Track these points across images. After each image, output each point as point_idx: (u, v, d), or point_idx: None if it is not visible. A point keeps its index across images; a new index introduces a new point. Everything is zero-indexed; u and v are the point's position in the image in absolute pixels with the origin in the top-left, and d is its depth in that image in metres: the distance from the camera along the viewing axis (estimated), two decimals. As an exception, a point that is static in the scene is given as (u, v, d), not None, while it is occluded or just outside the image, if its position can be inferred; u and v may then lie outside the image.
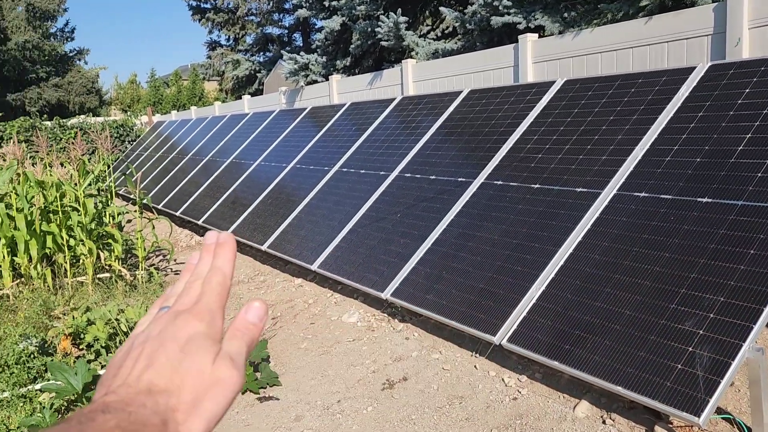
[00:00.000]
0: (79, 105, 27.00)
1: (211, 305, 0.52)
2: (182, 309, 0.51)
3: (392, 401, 2.94)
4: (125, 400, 0.43)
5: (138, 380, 0.46)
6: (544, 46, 5.34)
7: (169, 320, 0.50)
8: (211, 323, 0.50)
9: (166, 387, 0.46)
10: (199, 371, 0.47)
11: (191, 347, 0.48)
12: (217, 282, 0.54)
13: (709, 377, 2.11)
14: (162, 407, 0.44)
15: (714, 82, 3.21)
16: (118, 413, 0.41)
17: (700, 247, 2.54)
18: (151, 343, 0.49)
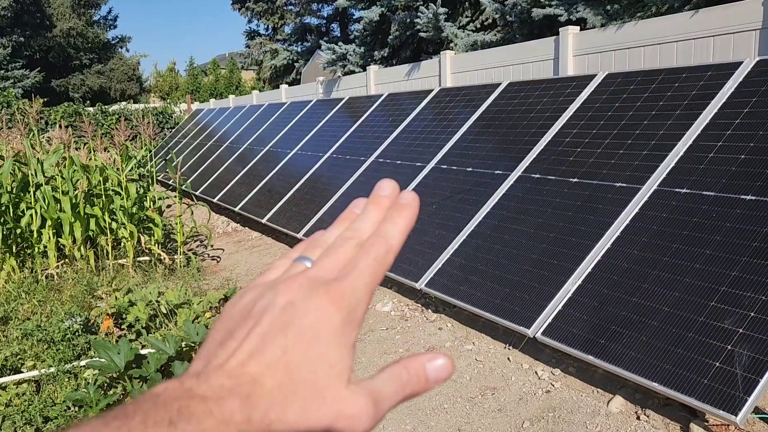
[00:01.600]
0: (120, 92, 27.60)
1: (358, 287, 0.39)
2: (321, 278, 0.39)
3: (424, 390, 2.97)
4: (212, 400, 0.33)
5: (241, 369, 0.35)
6: (585, 39, 5.27)
7: (302, 293, 0.38)
8: (351, 314, 0.38)
9: (270, 389, 0.35)
10: (319, 389, 0.35)
11: (318, 348, 0.36)
12: (377, 256, 0.40)
13: (748, 376, 2.09)
14: (254, 424, 0.33)
15: (761, 77, 3.14)
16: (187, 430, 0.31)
17: (742, 245, 2.50)
18: (271, 316, 0.37)
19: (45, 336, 3.38)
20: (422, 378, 0.39)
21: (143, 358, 3.10)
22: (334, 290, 0.38)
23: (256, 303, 0.38)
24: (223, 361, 0.36)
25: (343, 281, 0.39)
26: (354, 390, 0.37)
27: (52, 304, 4.15)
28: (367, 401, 0.36)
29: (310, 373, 0.35)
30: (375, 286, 0.40)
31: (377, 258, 0.40)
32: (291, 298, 0.38)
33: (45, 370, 3.09)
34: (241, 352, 0.36)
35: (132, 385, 3.02)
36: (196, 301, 3.84)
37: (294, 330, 0.36)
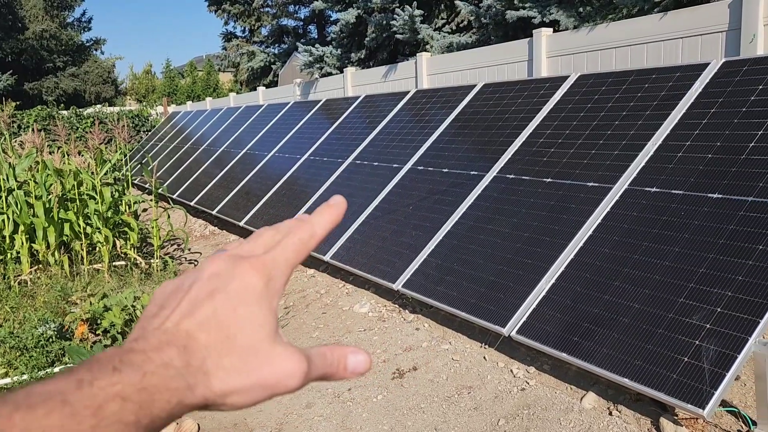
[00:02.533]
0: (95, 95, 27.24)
1: (279, 260, 0.42)
2: (243, 254, 0.43)
3: (402, 390, 2.99)
4: (150, 350, 0.36)
5: (176, 328, 0.38)
6: (558, 40, 5.34)
7: (224, 265, 0.41)
8: (271, 282, 0.41)
9: (206, 344, 0.38)
10: (253, 343, 0.39)
11: (245, 309, 0.39)
12: (301, 237, 0.44)
13: (715, 370, 2.14)
14: (193, 368, 0.36)
15: (727, 78, 3.22)
16: (130, 373, 0.34)
17: (710, 243, 2.56)
18: (199, 286, 0.40)
19: (18, 343, 3.33)
20: (342, 366, 0.43)
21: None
22: (255, 260, 0.41)
23: (184, 281, 0.42)
24: (158, 325, 0.39)
25: (265, 255, 0.42)
26: (289, 349, 0.40)
27: (26, 310, 4.10)
28: (302, 360, 0.40)
29: (241, 330, 0.39)
30: (296, 263, 0.43)
31: (301, 239, 0.44)
32: (215, 269, 0.41)
33: (18, 377, 3.06)
34: (174, 315, 0.39)
35: (107, 391, 3.00)
36: (173, 306, 3.81)
37: (221, 294, 0.40)
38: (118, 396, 0.32)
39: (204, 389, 0.37)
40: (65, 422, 0.30)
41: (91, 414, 0.31)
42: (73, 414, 0.31)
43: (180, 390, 0.36)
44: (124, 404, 0.33)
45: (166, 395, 0.35)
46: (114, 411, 0.32)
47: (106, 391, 0.32)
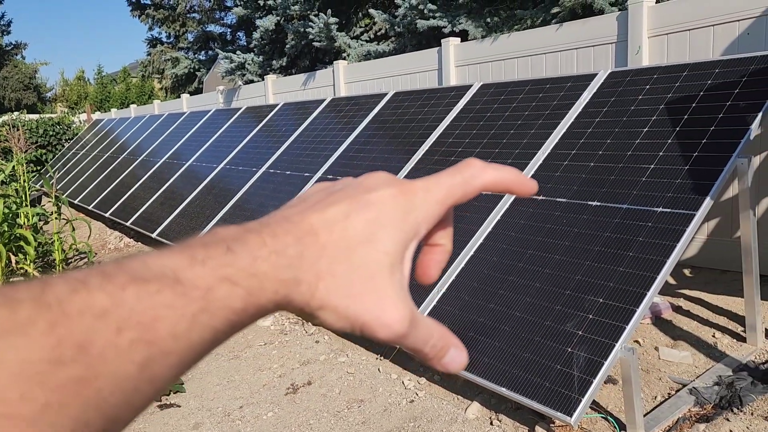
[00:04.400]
0: (15, 101, 26.02)
1: (431, 193, 0.39)
2: (403, 179, 0.40)
3: (294, 406, 2.92)
4: (267, 235, 0.34)
5: (302, 218, 0.36)
6: (465, 50, 5.40)
7: (379, 179, 0.39)
8: (412, 213, 0.38)
9: (325, 243, 0.35)
10: (369, 266, 0.36)
11: (376, 227, 0.36)
12: (463, 174, 0.41)
13: (583, 377, 2.16)
14: (306, 263, 0.34)
15: (612, 88, 3.31)
16: (242, 256, 0.32)
17: (587, 250, 2.60)
18: (345, 188, 0.38)
19: None
20: (441, 354, 0.39)
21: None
22: (408, 186, 0.39)
23: (337, 183, 0.40)
24: (287, 214, 0.36)
25: (419, 183, 0.40)
26: (403, 297, 0.36)
27: None
28: (406, 318, 0.36)
29: (363, 246, 0.36)
30: (451, 200, 0.40)
31: (464, 177, 0.40)
32: (370, 180, 0.39)
33: None
34: (305, 207, 0.37)
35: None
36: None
37: (360, 202, 0.37)
38: (228, 279, 0.31)
39: (308, 289, 0.34)
40: (175, 301, 0.29)
41: (201, 296, 0.30)
42: (183, 293, 0.29)
43: (289, 283, 0.33)
44: (233, 289, 0.31)
45: (275, 285, 0.33)
46: (223, 295, 0.30)
47: (217, 273, 0.31)
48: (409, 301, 0.37)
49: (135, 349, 0.27)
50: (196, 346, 0.30)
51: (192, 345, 0.29)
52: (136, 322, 0.27)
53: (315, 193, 0.39)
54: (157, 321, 0.28)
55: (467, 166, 0.41)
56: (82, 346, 0.25)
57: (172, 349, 0.28)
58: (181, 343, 0.29)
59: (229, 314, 0.31)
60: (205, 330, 0.30)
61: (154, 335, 0.28)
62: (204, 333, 0.30)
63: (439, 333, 0.39)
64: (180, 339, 0.29)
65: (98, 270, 0.28)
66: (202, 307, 0.29)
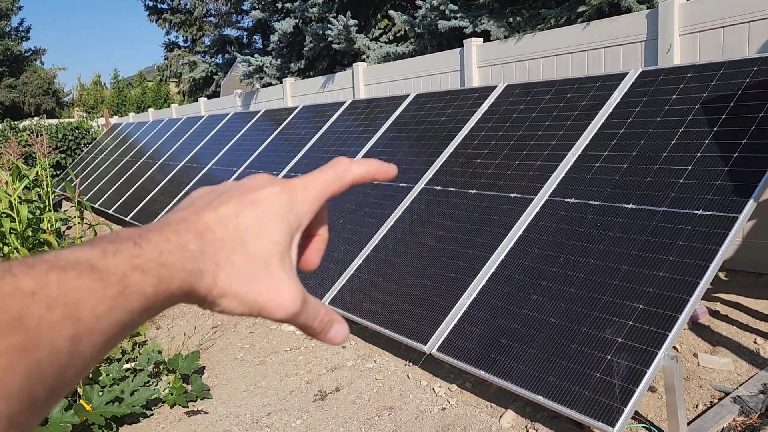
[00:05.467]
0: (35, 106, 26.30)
1: (309, 189, 0.43)
2: (281, 179, 0.44)
3: (322, 413, 2.88)
4: (169, 232, 0.37)
5: (197, 217, 0.39)
6: (488, 50, 5.34)
7: (259, 180, 0.43)
8: (297, 206, 0.42)
9: (221, 238, 0.39)
10: (263, 256, 0.40)
11: (265, 221, 0.40)
12: (336, 171, 0.45)
13: (625, 386, 2.10)
14: (206, 256, 0.37)
15: (644, 88, 3.23)
16: (149, 249, 0.35)
17: (624, 254, 2.54)
18: (230, 189, 0.42)
19: None
20: (327, 329, 0.44)
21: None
22: (288, 184, 0.43)
23: (220, 186, 0.44)
24: (181, 216, 0.40)
25: (298, 181, 0.44)
26: (294, 280, 0.41)
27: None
28: (299, 297, 0.41)
29: (256, 239, 0.40)
30: (326, 195, 0.44)
31: (336, 173, 0.45)
32: (251, 181, 0.43)
33: None
34: (197, 208, 0.41)
35: (5, 427, 2.79)
36: (86, 330, 3.61)
37: (247, 201, 0.41)
38: (139, 268, 0.34)
39: (211, 279, 0.38)
40: (94, 285, 0.32)
41: (117, 281, 0.33)
42: (101, 279, 0.32)
43: (194, 273, 0.37)
44: (145, 276, 0.34)
45: (183, 275, 0.36)
46: (136, 281, 0.34)
47: (129, 262, 0.34)
48: (299, 283, 0.41)
49: (65, 324, 0.30)
50: (116, 327, 0.33)
51: (113, 325, 0.33)
52: (62, 302, 0.30)
53: (202, 196, 0.43)
54: (80, 302, 0.31)
55: (337, 163, 0.46)
56: (20, 318, 0.28)
57: (96, 327, 0.32)
58: (103, 323, 0.32)
59: (142, 299, 0.34)
60: (123, 312, 0.33)
61: (79, 313, 0.31)
62: (122, 315, 0.33)
63: (325, 310, 0.44)
64: (102, 319, 0.32)
65: (17, 262, 0.31)
66: (119, 291, 0.33)
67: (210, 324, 4.25)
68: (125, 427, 2.92)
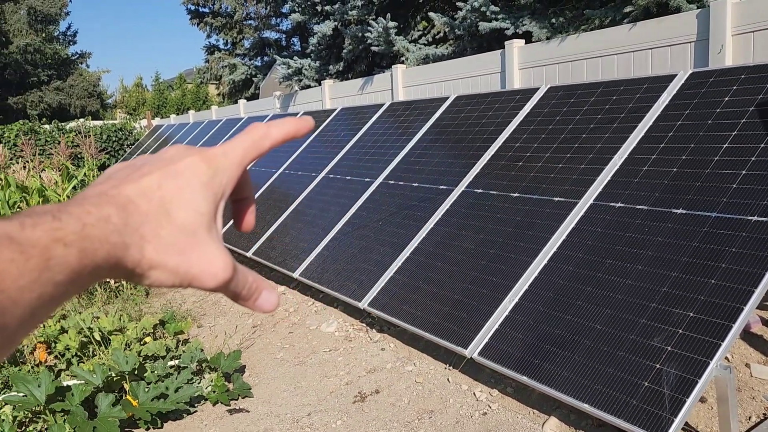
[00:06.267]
0: (80, 108, 27.04)
1: (229, 155, 0.43)
2: (198, 148, 0.43)
3: (362, 415, 2.88)
4: (89, 205, 0.36)
5: (117, 191, 0.38)
6: (530, 52, 5.28)
7: (177, 151, 0.43)
8: (218, 173, 0.42)
9: (146, 211, 0.38)
10: (190, 226, 0.39)
11: (189, 191, 0.40)
12: (253, 137, 0.45)
13: (675, 396, 2.05)
14: (131, 229, 0.37)
15: (694, 90, 3.15)
16: (70, 222, 0.34)
17: (673, 260, 2.47)
18: (150, 163, 0.41)
19: (-36, 370, 3.20)
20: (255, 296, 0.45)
21: (68, 390, 2.95)
22: (205, 152, 0.43)
23: (137, 160, 0.42)
24: (99, 190, 0.38)
25: (215, 149, 0.43)
26: (222, 249, 0.41)
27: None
28: (229, 265, 0.41)
29: (181, 210, 0.39)
30: (246, 162, 0.44)
31: (253, 139, 0.45)
32: (168, 153, 0.43)
33: (-40, 407, 2.92)
34: (116, 182, 0.39)
35: (54, 419, 2.87)
36: (131, 327, 3.69)
37: (169, 172, 0.40)
38: (61, 241, 0.33)
39: (137, 252, 0.37)
40: (15, 257, 0.31)
41: (39, 253, 0.32)
42: (22, 251, 0.31)
43: (119, 246, 0.36)
44: (68, 249, 0.33)
45: (107, 247, 0.35)
46: (60, 254, 0.33)
47: (49, 235, 0.33)
48: (227, 252, 0.41)
49: None
50: (42, 300, 0.32)
51: (38, 298, 0.32)
52: None
53: (118, 171, 0.41)
54: (1, 273, 0.30)
55: (253, 128, 0.46)
56: None
57: (20, 300, 0.31)
58: (26, 295, 0.31)
59: (68, 272, 0.33)
60: (47, 285, 0.32)
61: (2, 285, 0.30)
62: (47, 288, 0.32)
63: (253, 277, 0.44)
64: (25, 291, 0.31)
65: None
66: (42, 264, 0.32)
67: (250, 324, 4.30)
68: (170, 423, 2.98)
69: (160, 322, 3.85)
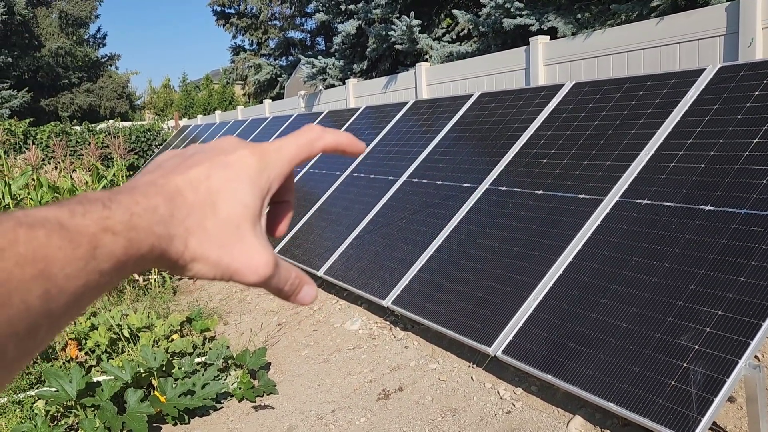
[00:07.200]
0: (110, 110, 27.51)
1: (282, 152, 0.43)
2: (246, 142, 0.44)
3: (386, 412, 2.89)
4: (138, 195, 0.36)
5: (166, 181, 0.38)
6: (555, 48, 5.23)
7: (229, 142, 0.43)
8: (266, 170, 0.42)
9: (192, 202, 0.38)
10: (235, 219, 0.39)
11: (236, 184, 0.40)
12: (308, 138, 0.45)
13: (703, 395, 2.01)
14: (176, 220, 0.37)
15: (723, 84, 3.09)
16: (119, 211, 0.34)
17: (701, 258, 2.43)
18: (200, 152, 0.42)
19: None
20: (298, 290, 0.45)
21: (97, 385, 3.01)
22: (256, 146, 0.43)
23: (188, 149, 0.43)
24: (149, 179, 0.39)
25: (271, 144, 0.44)
26: (265, 244, 0.41)
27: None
28: (271, 261, 0.40)
29: (227, 202, 0.39)
30: (297, 160, 0.44)
31: (308, 138, 0.45)
32: (220, 144, 0.43)
33: (-5, 401, 3.00)
34: (166, 171, 0.40)
35: (85, 414, 2.93)
36: (159, 324, 3.75)
37: (218, 163, 0.40)
38: (109, 230, 0.33)
39: (181, 244, 0.37)
40: (64, 244, 0.31)
41: (87, 241, 0.32)
42: (70, 239, 0.32)
43: (164, 237, 0.36)
44: (115, 238, 0.33)
45: (152, 239, 0.35)
46: (107, 242, 0.33)
47: (98, 224, 0.33)
48: (270, 246, 0.41)
49: (36, 283, 0.29)
50: (87, 288, 0.32)
51: (83, 285, 0.32)
52: (32, 259, 0.29)
53: (169, 159, 0.42)
54: (50, 260, 0.30)
55: (309, 129, 0.46)
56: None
57: (66, 287, 0.31)
58: (73, 283, 0.31)
59: (113, 261, 0.33)
60: (93, 273, 0.32)
61: (50, 272, 0.30)
62: (93, 276, 0.32)
63: (296, 273, 0.44)
64: (72, 279, 0.31)
65: None
66: (89, 252, 0.32)
67: (275, 321, 4.34)
68: (196, 419, 3.02)
69: (187, 320, 3.91)
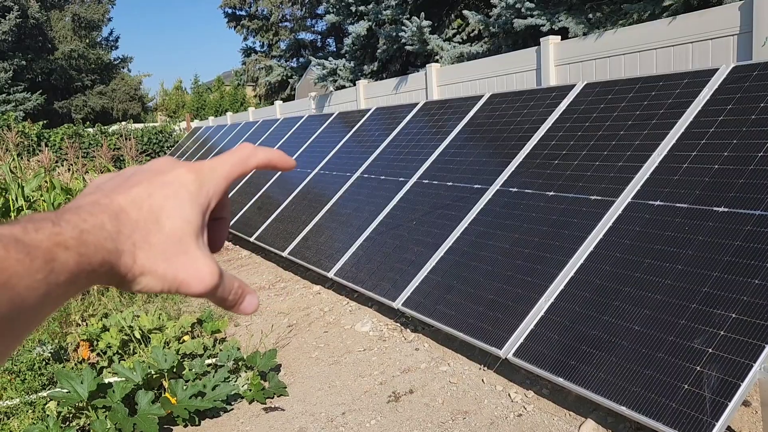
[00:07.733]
0: (122, 112, 27.72)
1: (216, 170, 0.45)
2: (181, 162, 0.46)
3: (396, 415, 2.88)
4: (85, 213, 0.38)
5: (110, 200, 0.40)
6: (566, 48, 5.20)
7: (165, 163, 0.45)
8: (205, 185, 0.44)
9: (136, 219, 0.40)
10: (178, 234, 0.41)
11: (177, 201, 0.42)
12: (240, 155, 0.47)
13: (716, 399, 1.99)
14: (124, 236, 0.39)
15: (736, 84, 3.06)
16: (68, 228, 0.36)
17: (714, 260, 2.41)
18: (138, 173, 0.44)
19: (12, 366, 3.31)
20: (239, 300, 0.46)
21: (109, 387, 3.02)
22: (196, 166, 0.45)
23: (126, 171, 0.45)
24: (92, 200, 0.41)
25: (206, 163, 0.46)
26: (209, 256, 0.43)
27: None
28: (216, 272, 0.43)
29: (170, 219, 0.41)
30: (232, 177, 0.46)
31: (240, 157, 0.47)
32: (156, 164, 0.45)
33: (8, 402, 3.02)
34: (107, 192, 0.41)
35: (96, 415, 2.94)
36: (170, 326, 3.76)
37: (158, 183, 0.42)
38: (62, 245, 0.35)
39: (129, 259, 0.39)
40: (21, 257, 0.33)
41: (42, 255, 0.34)
42: (27, 252, 0.33)
43: (113, 252, 0.38)
44: (68, 252, 0.35)
45: (102, 253, 0.37)
46: (61, 257, 0.35)
47: (51, 239, 0.35)
48: (213, 259, 0.43)
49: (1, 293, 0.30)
50: (46, 300, 0.34)
51: (43, 296, 0.34)
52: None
53: (107, 181, 0.44)
54: (11, 273, 0.32)
55: (242, 148, 0.48)
56: None
57: (28, 299, 0.33)
58: (33, 295, 0.33)
59: (68, 275, 0.35)
60: (51, 286, 0.34)
61: (13, 283, 0.31)
62: (50, 288, 0.34)
63: (238, 283, 0.46)
64: (32, 290, 0.33)
65: None
66: (46, 265, 0.34)
67: (286, 323, 4.34)
68: (207, 420, 3.03)
69: (198, 321, 3.92)
